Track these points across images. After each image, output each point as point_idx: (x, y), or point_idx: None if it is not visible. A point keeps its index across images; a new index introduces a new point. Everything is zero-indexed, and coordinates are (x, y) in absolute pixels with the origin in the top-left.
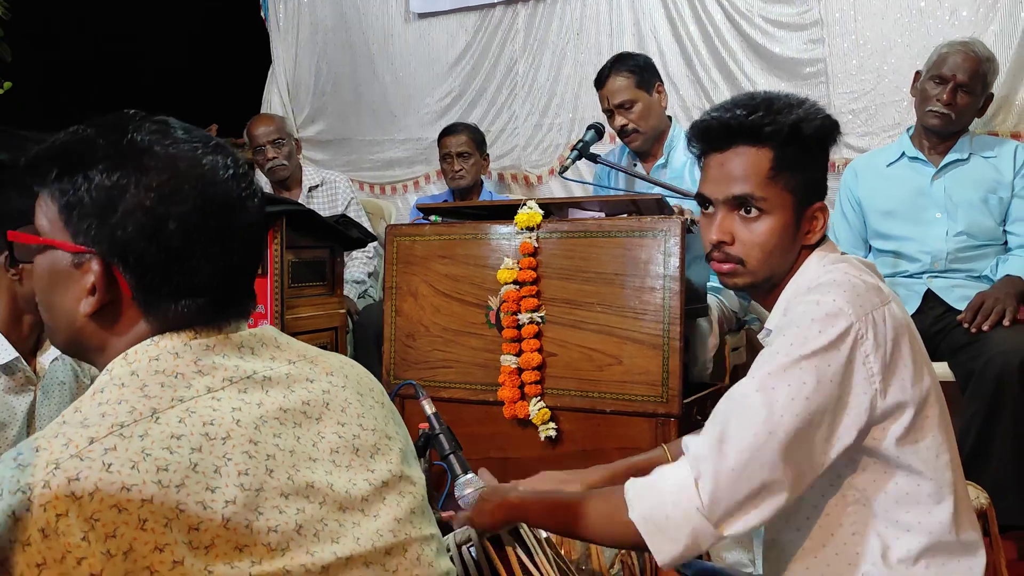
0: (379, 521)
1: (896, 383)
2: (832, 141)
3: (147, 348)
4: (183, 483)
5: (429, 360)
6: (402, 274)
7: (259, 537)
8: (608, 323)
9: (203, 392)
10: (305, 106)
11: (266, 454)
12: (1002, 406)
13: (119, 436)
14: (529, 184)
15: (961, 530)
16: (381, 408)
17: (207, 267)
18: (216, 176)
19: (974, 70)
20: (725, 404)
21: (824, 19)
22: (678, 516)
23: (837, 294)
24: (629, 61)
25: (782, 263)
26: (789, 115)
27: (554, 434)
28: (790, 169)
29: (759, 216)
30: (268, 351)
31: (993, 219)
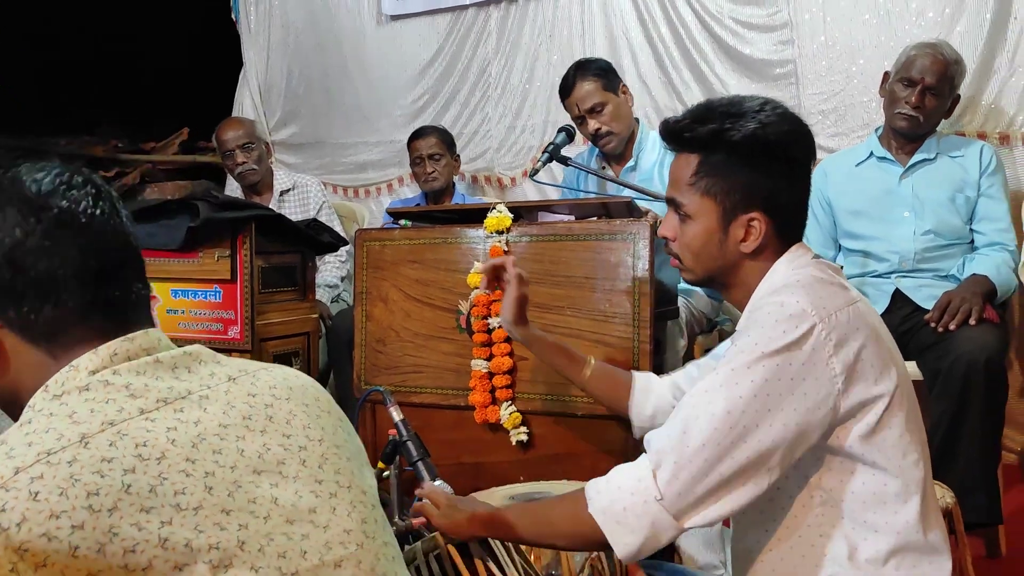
0: (328, 532)
1: (860, 383)
2: (787, 149)
3: (68, 375)
4: (116, 506)
5: (400, 365)
6: (372, 279)
7: (199, 555)
8: (578, 327)
9: (135, 414)
10: (277, 109)
11: (204, 471)
12: (969, 405)
13: (46, 464)
14: (502, 186)
15: (928, 530)
16: (328, 417)
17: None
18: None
19: (942, 73)
20: (688, 399)
21: (793, 21)
22: (637, 507)
23: (800, 295)
24: (592, 66)
25: (718, 267)
26: (721, 123)
27: (525, 438)
28: (713, 176)
29: (686, 220)
30: (206, 368)
31: (960, 218)
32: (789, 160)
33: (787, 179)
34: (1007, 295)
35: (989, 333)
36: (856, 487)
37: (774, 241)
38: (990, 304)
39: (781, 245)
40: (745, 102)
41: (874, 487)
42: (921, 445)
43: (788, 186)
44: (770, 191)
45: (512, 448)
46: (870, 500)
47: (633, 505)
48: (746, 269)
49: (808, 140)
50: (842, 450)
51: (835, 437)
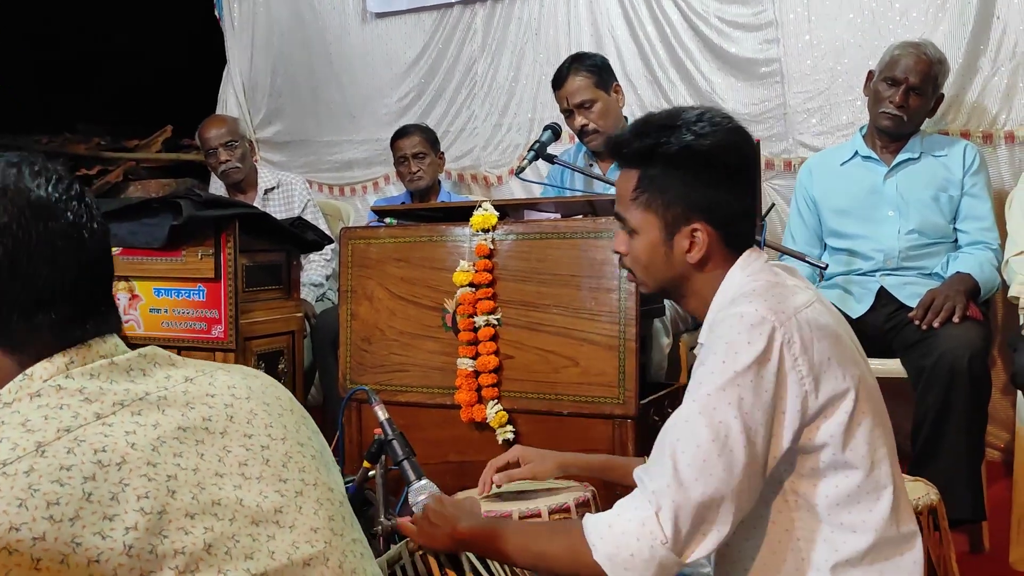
0: (295, 532)
1: (827, 382)
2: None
3: (21, 384)
4: (77, 515)
5: (386, 364)
6: (357, 277)
7: (165, 561)
8: (564, 325)
9: (91, 419)
10: (261, 107)
11: (167, 475)
12: (953, 402)
13: (2, 475)
14: (488, 185)
15: (901, 522)
16: (291, 415)
17: (43, 275)
18: (24, 183)
19: (926, 72)
20: (671, 432)
21: (779, 20)
22: (644, 552)
23: (759, 303)
24: (587, 60)
25: (668, 278)
26: (656, 137)
27: (512, 436)
28: (653, 190)
29: (633, 235)
30: (162, 370)
31: (944, 217)
32: (727, 169)
33: (726, 188)
34: (990, 293)
35: (973, 331)
36: (830, 489)
37: (721, 250)
38: (973, 302)
39: (730, 253)
40: (683, 114)
41: (847, 488)
42: (888, 437)
43: (729, 195)
44: (710, 201)
45: (498, 447)
46: (844, 501)
47: (640, 551)
48: (697, 279)
49: (745, 148)
50: (811, 451)
51: (806, 439)
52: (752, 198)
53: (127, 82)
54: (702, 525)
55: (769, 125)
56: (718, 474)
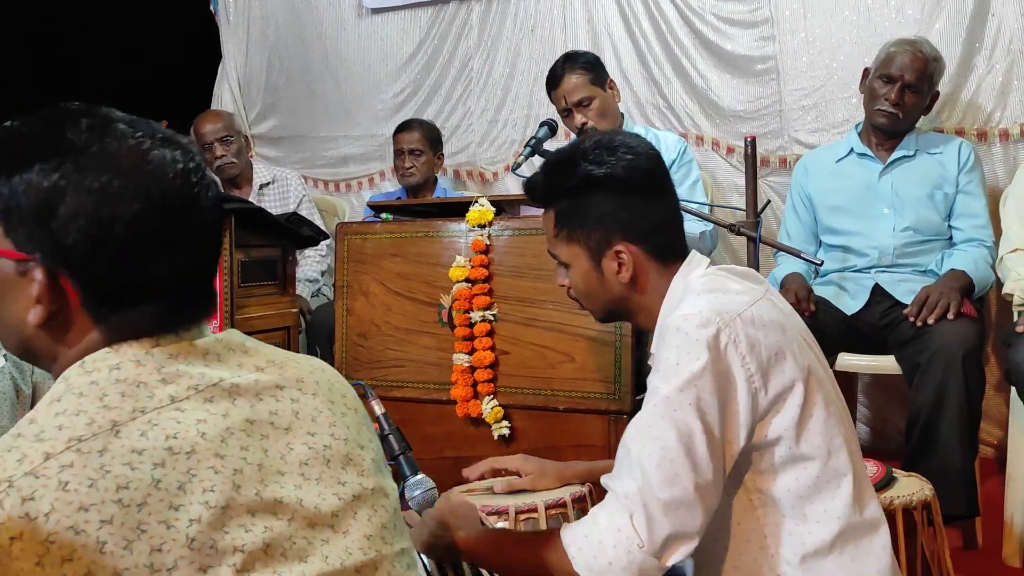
0: (349, 538)
1: (775, 377)
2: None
3: (106, 356)
4: (145, 501)
5: (381, 359)
6: (353, 273)
7: (225, 557)
8: (560, 320)
9: (166, 402)
10: (257, 102)
11: (232, 469)
12: (946, 398)
13: (76, 452)
14: (484, 181)
15: (865, 508)
16: (354, 415)
17: (160, 271)
18: (164, 172)
19: (921, 70)
20: (635, 438)
21: (775, 17)
22: (622, 558)
23: (701, 306)
24: (580, 59)
25: (610, 301)
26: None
27: (507, 432)
28: (570, 224)
29: (567, 268)
30: (235, 357)
31: (939, 214)
32: (630, 186)
33: (636, 204)
34: (984, 290)
35: (967, 328)
36: (790, 483)
37: (652, 263)
38: (968, 299)
39: (662, 265)
40: (580, 146)
41: (806, 480)
42: (844, 425)
43: (642, 210)
44: (625, 220)
45: (494, 442)
46: (806, 493)
47: (617, 558)
48: (637, 297)
49: (648, 163)
50: (767, 447)
51: (760, 434)
52: (668, 209)
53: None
54: (677, 527)
55: (764, 122)
56: (686, 474)
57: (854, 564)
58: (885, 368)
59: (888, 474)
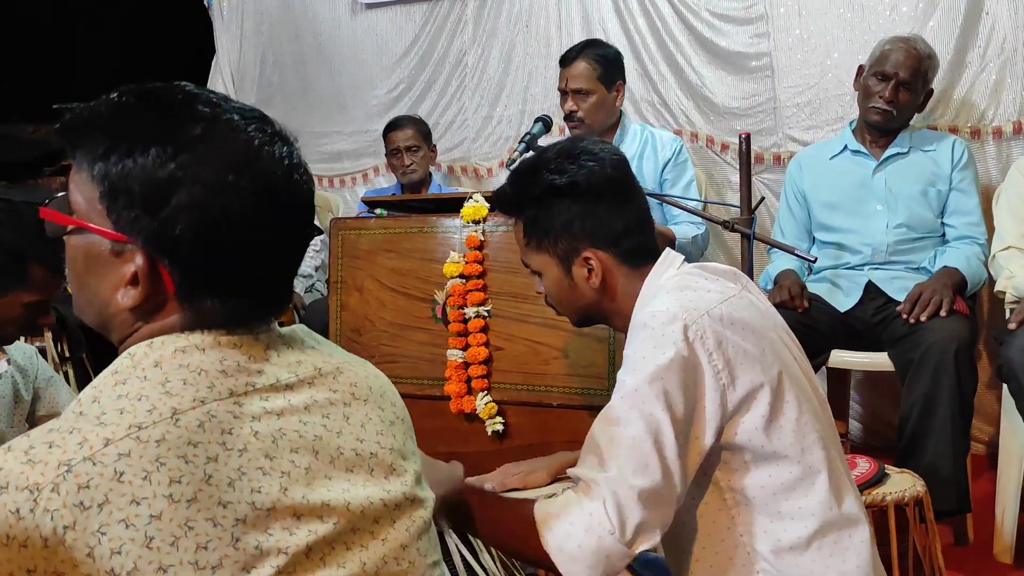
0: (386, 546)
1: (744, 375)
2: (585, 186)
3: (176, 339)
4: (195, 497)
5: (375, 355)
6: (347, 268)
7: (267, 559)
8: (554, 317)
9: (225, 395)
10: (251, 97)
11: (281, 471)
12: (939, 395)
13: (135, 440)
14: (479, 177)
15: (842, 503)
16: (401, 424)
17: (257, 267)
18: (274, 170)
19: (915, 67)
20: (605, 428)
21: (769, 14)
22: (591, 543)
23: (669, 303)
24: (599, 49)
25: (584, 306)
26: (523, 185)
27: (501, 428)
28: (538, 233)
29: (540, 276)
30: (295, 355)
31: (932, 211)
32: (595, 194)
33: (600, 211)
34: (977, 288)
35: (959, 325)
36: (763, 481)
37: (620, 268)
38: (960, 296)
39: (633, 268)
40: (543, 154)
41: (780, 477)
42: (820, 422)
43: (607, 216)
44: (591, 227)
45: (487, 438)
46: (779, 491)
47: (587, 542)
48: (610, 301)
49: (611, 169)
50: (738, 446)
51: (729, 433)
52: (634, 213)
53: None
54: (647, 516)
55: (759, 119)
56: (653, 465)
57: (832, 559)
58: (878, 365)
59: (880, 470)
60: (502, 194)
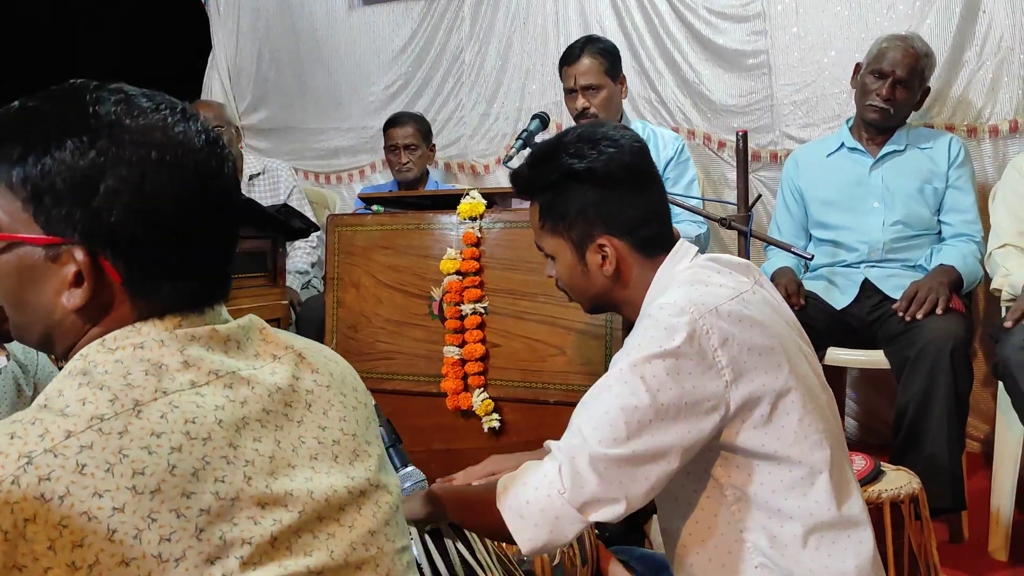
0: (353, 533)
1: (748, 373)
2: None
3: (128, 334)
4: (158, 488)
5: (372, 352)
6: (344, 265)
7: (232, 550)
8: (551, 313)
9: (187, 386)
10: (247, 93)
11: (245, 460)
12: (934, 393)
13: (97, 432)
14: (476, 174)
15: (843, 505)
16: (364, 410)
17: (197, 244)
18: (193, 144)
19: (912, 65)
20: (583, 403)
21: (766, 11)
22: (540, 500)
23: (679, 296)
24: (602, 44)
25: (595, 294)
26: (542, 167)
27: (497, 425)
28: (553, 217)
29: (553, 260)
30: (254, 345)
31: (928, 209)
32: (613, 181)
33: (617, 198)
34: (973, 285)
35: (955, 323)
36: (763, 479)
37: (635, 256)
38: (956, 294)
39: (646, 258)
40: (563, 138)
41: (779, 476)
42: (825, 423)
43: (624, 203)
44: (607, 214)
45: (484, 435)
46: (779, 488)
47: (537, 499)
48: (623, 289)
49: (630, 156)
50: (737, 446)
51: (733, 431)
52: (652, 202)
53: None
54: (603, 484)
55: (756, 117)
56: (621, 439)
57: (830, 559)
58: (874, 362)
59: (876, 468)
60: (519, 175)
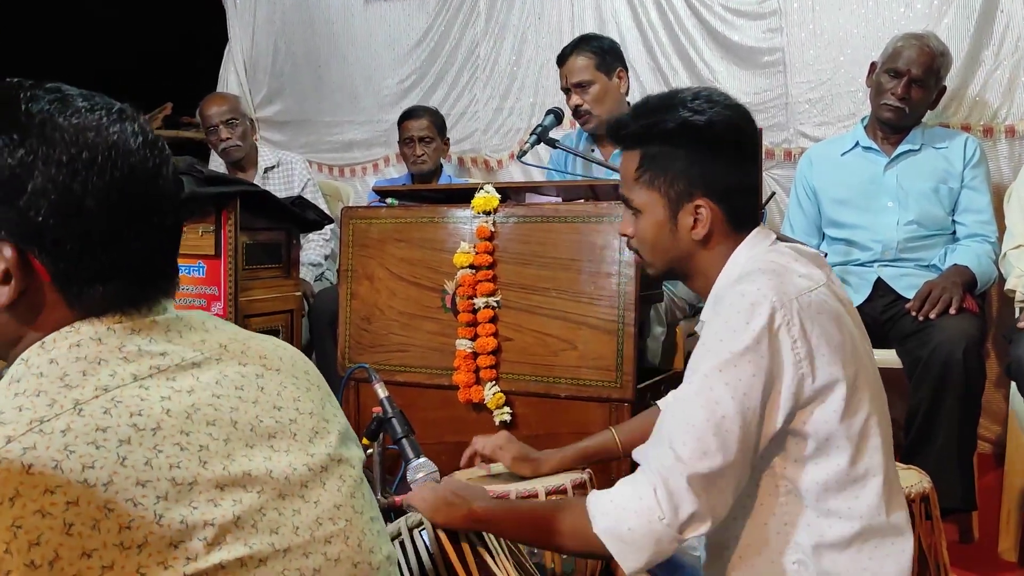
0: (319, 508)
1: (824, 367)
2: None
3: (66, 335)
4: (111, 480)
5: (385, 344)
6: (358, 257)
7: (195, 532)
8: (563, 308)
9: (129, 380)
10: (263, 86)
11: (199, 445)
12: (946, 393)
13: (39, 433)
14: (489, 168)
15: (891, 511)
16: (317, 390)
17: (131, 244)
18: (128, 145)
19: (928, 64)
20: (668, 413)
21: (783, 9)
22: (642, 527)
23: (761, 282)
24: (593, 42)
25: (674, 257)
26: (655, 116)
27: (508, 418)
28: (655, 169)
29: (638, 215)
30: (197, 335)
31: (943, 209)
32: (726, 144)
33: (726, 163)
34: (987, 286)
35: (968, 323)
36: (819, 476)
37: (725, 227)
38: (970, 294)
39: (735, 231)
40: (679, 93)
41: (835, 473)
42: (884, 428)
43: (730, 170)
44: (712, 176)
45: (495, 428)
46: (832, 486)
47: (638, 526)
48: (702, 257)
49: (743, 124)
50: (804, 434)
51: (799, 421)
52: (753, 175)
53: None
54: (700, 504)
55: (770, 114)
56: (712, 453)
57: (871, 563)
58: (886, 362)
59: None
60: (623, 123)
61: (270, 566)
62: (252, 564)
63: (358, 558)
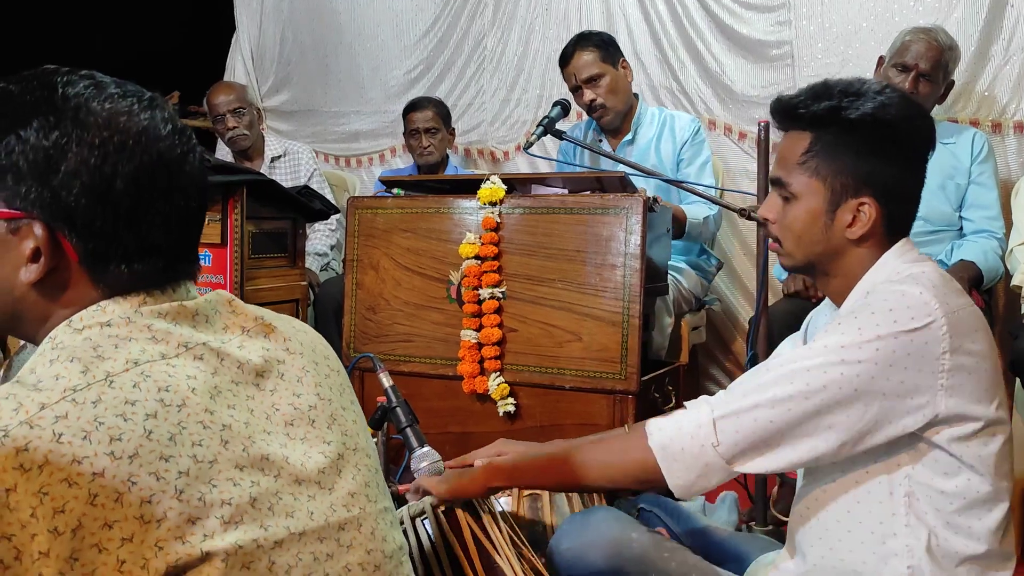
0: (334, 495)
1: (967, 386)
2: (906, 135)
3: (94, 314)
4: (136, 453)
5: (389, 334)
6: (363, 247)
7: (212, 510)
8: (568, 300)
9: (157, 358)
10: (270, 75)
11: (221, 424)
12: None
13: (71, 402)
14: (495, 160)
15: (1005, 541)
16: (337, 376)
17: (157, 227)
18: (158, 132)
19: (936, 59)
20: (777, 360)
21: (791, 2)
22: (694, 449)
23: (925, 288)
24: (593, 37)
25: (820, 252)
26: (839, 100)
27: (513, 409)
28: (824, 157)
29: (790, 200)
30: (222, 319)
31: (950, 205)
32: (905, 145)
33: (903, 166)
34: (993, 282)
35: None
36: (949, 487)
37: (882, 230)
38: (976, 290)
39: (888, 236)
40: (865, 83)
41: (966, 490)
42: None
43: (903, 173)
44: (883, 176)
45: (499, 418)
46: (961, 503)
47: (691, 447)
48: (849, 257)
49: (928, 129)
50: (942, 447)
51: (936, 433)
52: (922, 183)
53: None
54: (757, 443)
55: None
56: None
57: None
58: None
59: None
60: (798, 102)
61: (285, 548)
62: (268, 546)
63: (371, 546)
